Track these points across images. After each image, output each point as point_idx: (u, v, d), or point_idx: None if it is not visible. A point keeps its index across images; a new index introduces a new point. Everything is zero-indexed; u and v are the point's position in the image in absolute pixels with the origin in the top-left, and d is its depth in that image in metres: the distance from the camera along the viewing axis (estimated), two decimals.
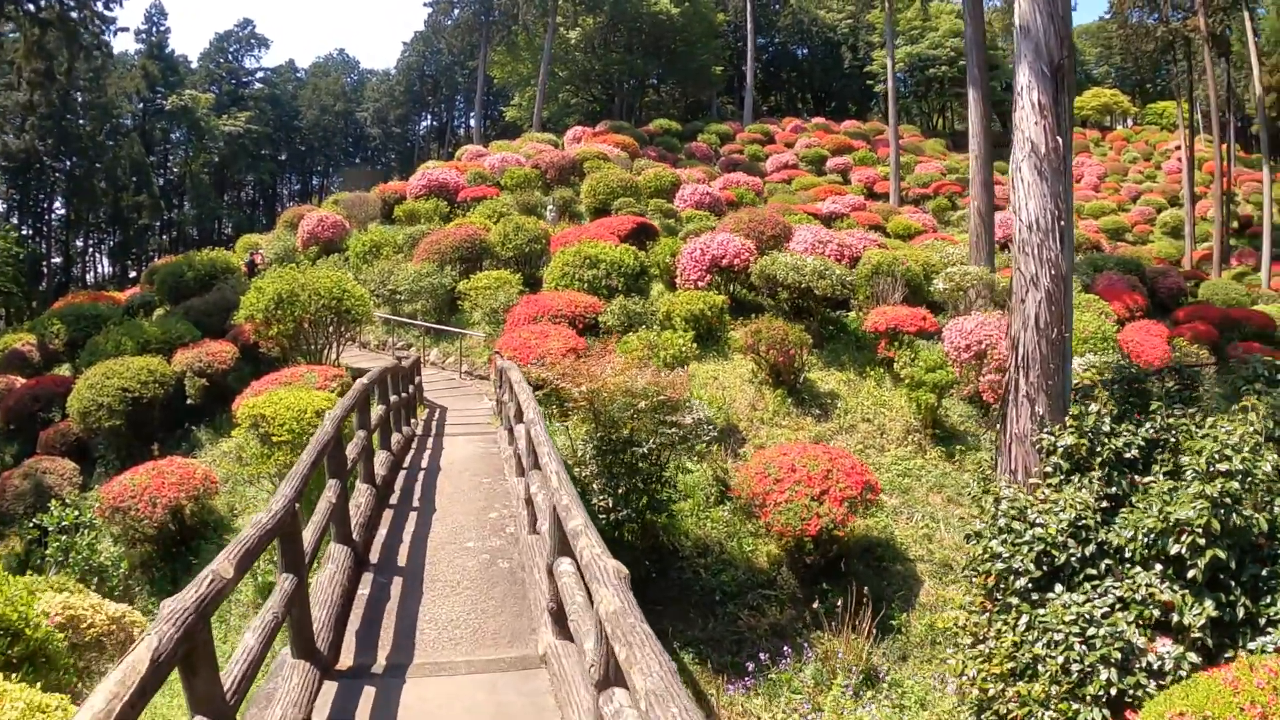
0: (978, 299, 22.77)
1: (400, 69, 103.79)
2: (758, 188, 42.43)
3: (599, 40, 70.12)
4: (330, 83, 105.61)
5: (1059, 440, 8.70)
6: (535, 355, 14.63)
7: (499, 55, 72.52)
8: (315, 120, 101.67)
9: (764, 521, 11.12)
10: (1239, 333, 25.59)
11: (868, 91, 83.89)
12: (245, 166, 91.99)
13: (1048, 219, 9.38)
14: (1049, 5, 9.54)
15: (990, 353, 17.62)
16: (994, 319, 18.46)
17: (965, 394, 17.98)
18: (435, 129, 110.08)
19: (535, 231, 25.11)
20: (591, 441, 10.39)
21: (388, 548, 8.85)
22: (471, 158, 43.47)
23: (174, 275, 28.18)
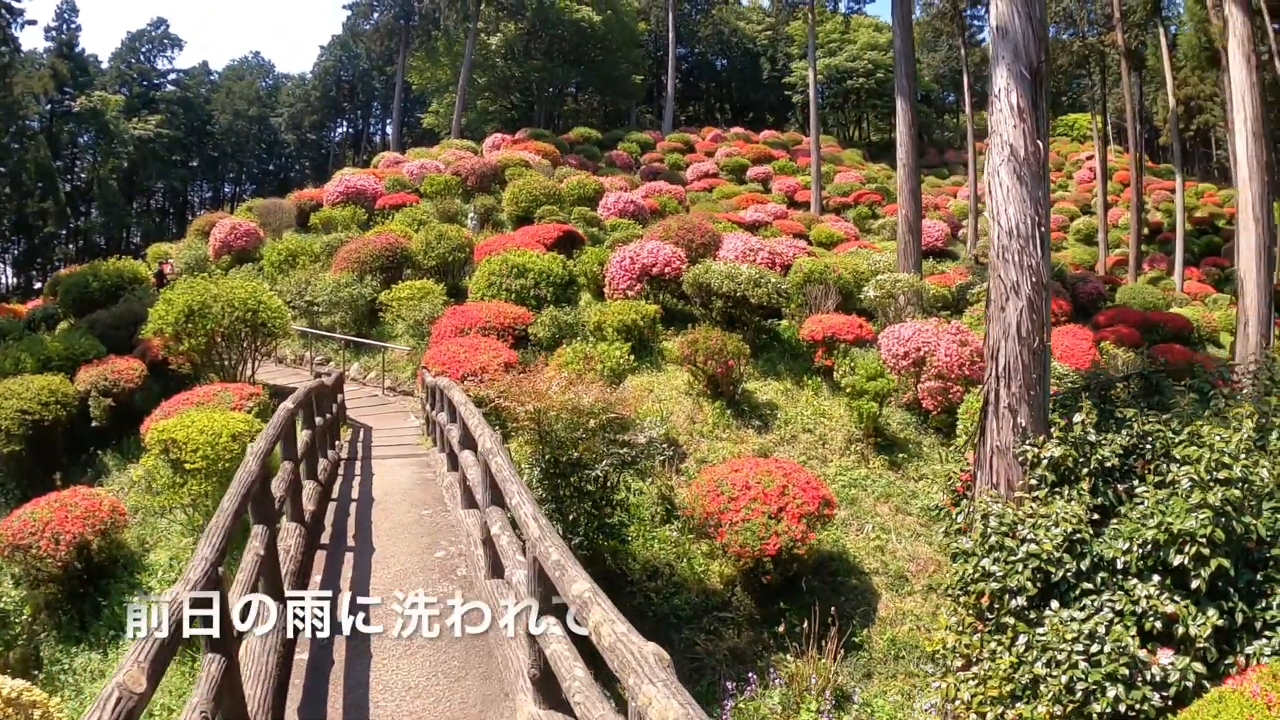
0: (907, 305, 22.79)
1: (317, 74, 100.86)
2: (680, 196, 42.20)
3: (520, 47, 69.14)
4: (245, 87, 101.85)
5: (1044, 452, 8.43)
6: (467, 370, 13.89)
7: (418, 61, 71.07)
8: (228, 125, 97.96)
9: (720, 542, 10.58)
10: (1158, 334, 26.18)
11: (786, 102, 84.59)
12: (156, 172, 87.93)
13: (1028, 225, 9.09)
14: (1027, 6, 9.26)
15: (929, 359, 17.52)
16: (931, 326, 18.35)
17: (904, 401, 17.82)
18: (351, 136, 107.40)
19: (458, 240, 24.29)
20: (538, 465, 9.70)
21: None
22: (389, 165, 42.29)
23: (78, 286, 26.57)
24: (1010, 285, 9.05)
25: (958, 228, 45.99)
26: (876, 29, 78.25)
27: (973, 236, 42.68)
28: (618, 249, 22.18)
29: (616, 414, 9.64)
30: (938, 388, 17.19)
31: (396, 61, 71.08)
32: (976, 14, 51.83)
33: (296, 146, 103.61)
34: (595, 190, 35.23)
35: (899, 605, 11.94)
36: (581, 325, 18.46)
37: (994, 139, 9.37)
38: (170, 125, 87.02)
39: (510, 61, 69.53)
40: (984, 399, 9.31)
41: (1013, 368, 8.99)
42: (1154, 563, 7.23)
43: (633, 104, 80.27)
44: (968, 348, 17.63)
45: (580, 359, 15.19)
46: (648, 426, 10.14)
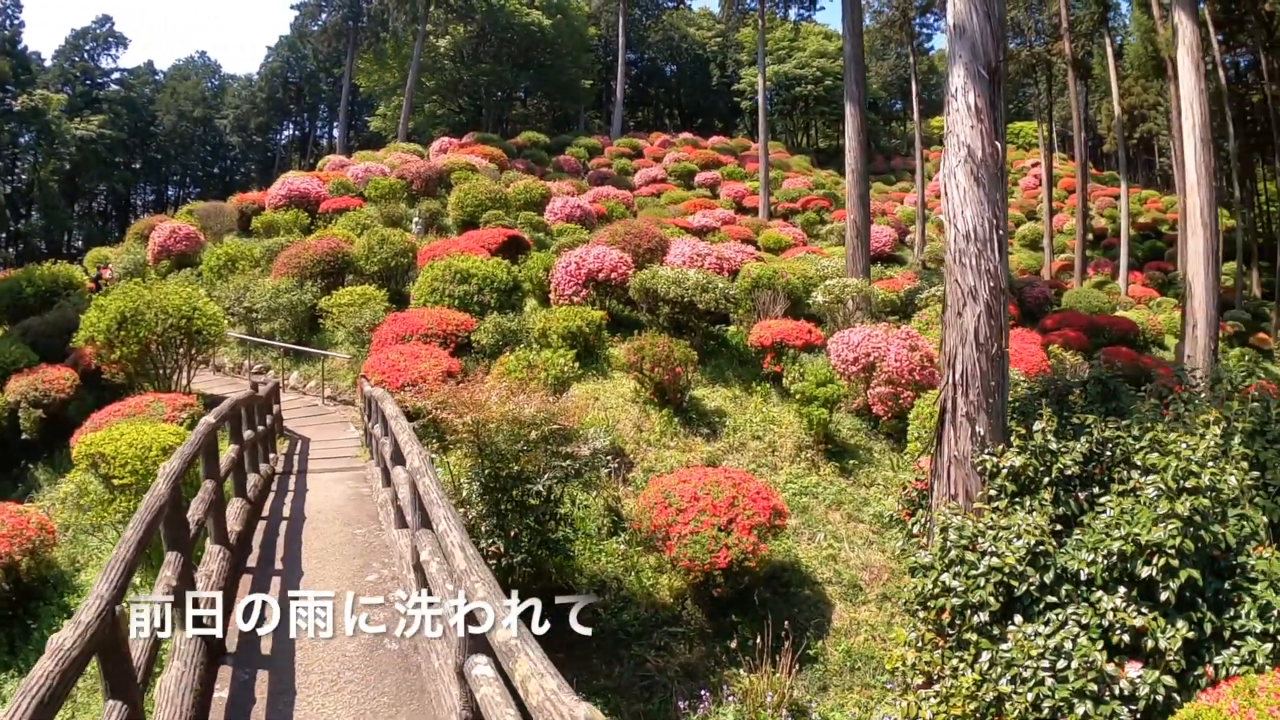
0: (856, 310, 22.71)
1: (263, 75, 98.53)
2: (628, 201, 41.97)
3: (469, 50, 68.35)
4: (190, 87, 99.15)
5: (1004, 462, 8.22)
6: (406, 379, 13.39)
7: (366, 63, 69.99)
8: (173, 126, 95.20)
9: (669, 556, 10.22)
10: (1105, 337, 26.47)
11: (735, 108, 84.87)
12: (98, 174, 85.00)
13: (985, 228, 8.87)
14: (985, 5, 9.03)
15: (879, 365, 17.38)
16: (880, 331, 18.24)
17: (854, 407, 17.68)
18: (297, 139, 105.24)
19: (401, 244, 23.70)
20: (478, 479, 9.24)
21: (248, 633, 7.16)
22: (334, 168, 41.41)
23: (12, 292, 25.49)
24: (967, 290, 8.83)
25: (905, 233, 46.29)
26: (825, 37, 78.83)
27: (920, 242, 42.97)
28: (564, 254, 21.80)
29: (559, 425, 9.25)
30: (888, 393, 17.06)
31: (344, 63, 69.84)
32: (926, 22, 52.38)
33: (242, 149, 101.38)
34: (542, 195, 34.82)
35: (853, 615, 11.71)
36: (526, 332, 18.03)
37: (950, 140, 9.15)
38: (113, 126, 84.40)
39: (459, 64, 68.72)
40: (941, 407, 9.08)
41: (970, 375, 8.76)
42: (1120, 574, 7.09)
43: (581, 109, 79.83)
44: (918, 353, 17.52)
45: (524, 367, 14.77)
46: (592, 437, 9.76)
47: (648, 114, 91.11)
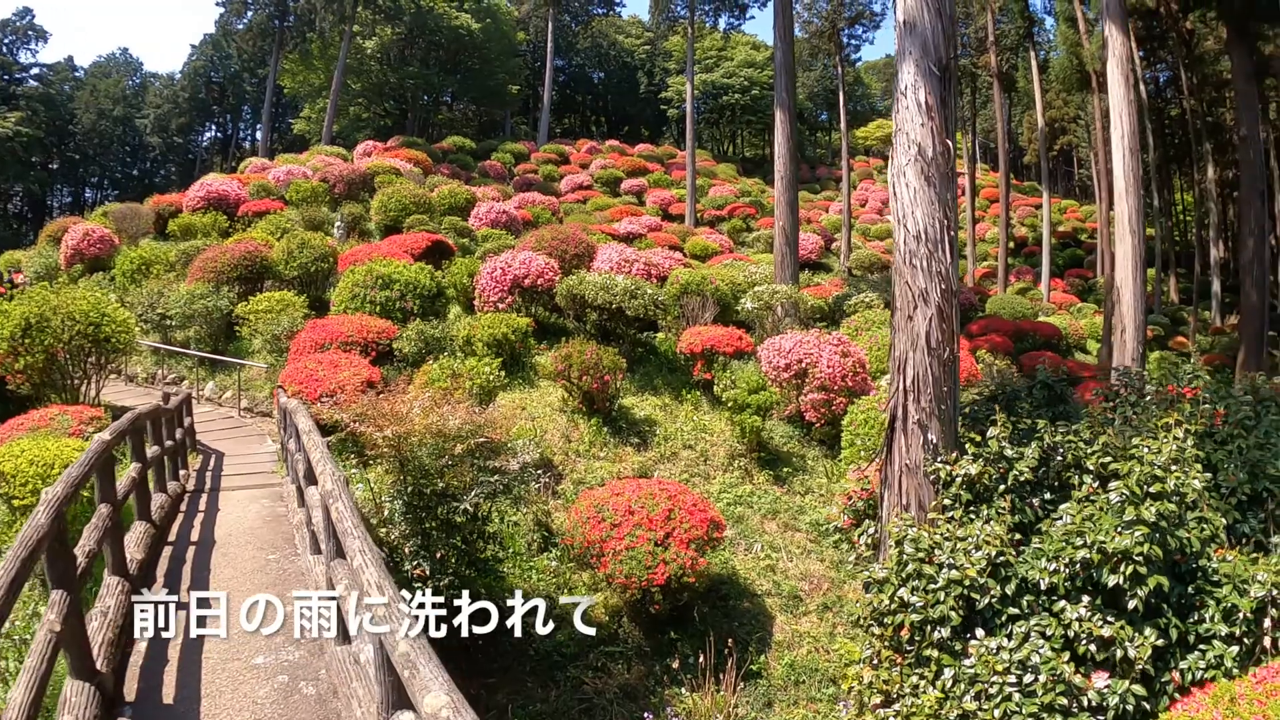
0: (785, 317, 22.59)
1: (186, 74, 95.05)
2: (554, 207, 41.53)
3: (396, 52, 67.17)
4: (111, 85, 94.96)
5: (957, 470, 7.98)
6: (325, 389, 12.71)
7: (291, 64, 68.01)
8: (92, 125, 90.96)
9: (604, 573, 9.76)
10: (1030, 342, 26.91)
11: (662, 116, 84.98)
12: (14, 174, 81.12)
13: (937, 228, 8.61)
14: (936, 2, 8.86)
15: (811, 371, 17.20)
16: (812, 337, 18.07)
17: (786, 414, 17.47)
18: (219, 141, 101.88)
19: (322, 249, 22.84)
20: (400, 496, 8.66)
21: (149, 672, 6.34)
22: (255, 170, 40.12)
23: None
24: (918, 293, 8.57)
25: (831, 241, 46.62)
26: (754, 47, 79.43)
27: (846, 250, 43.31)
28: (489, 259, 21.22)
29: (486, 437, 8.74)
30: (821, 399, 16.88)
31: (269, 64, 67.80)
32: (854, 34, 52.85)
33: (162, 150, 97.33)
34: (467, 200, 34.15)
35: (795, 627, 11.40)
36: (450, 340, 17.41)
37: (899, 138, 8.90)
38: (30, 124, 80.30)
39: (386, 67, 67.44)
40: (890, 414, 8.82)
41: (922, 380, 8.51)
42: (1083, 583, 6.93)
43: (508, 114, 79.07)
44: (850, 359, 17.40)
45: (448, 376, 14.21)
46: (521, 450, 9.26)
47: (574, 121, 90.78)
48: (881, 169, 73.22)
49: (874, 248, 45.82)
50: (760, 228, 45.07)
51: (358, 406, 8.96)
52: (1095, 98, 36.50)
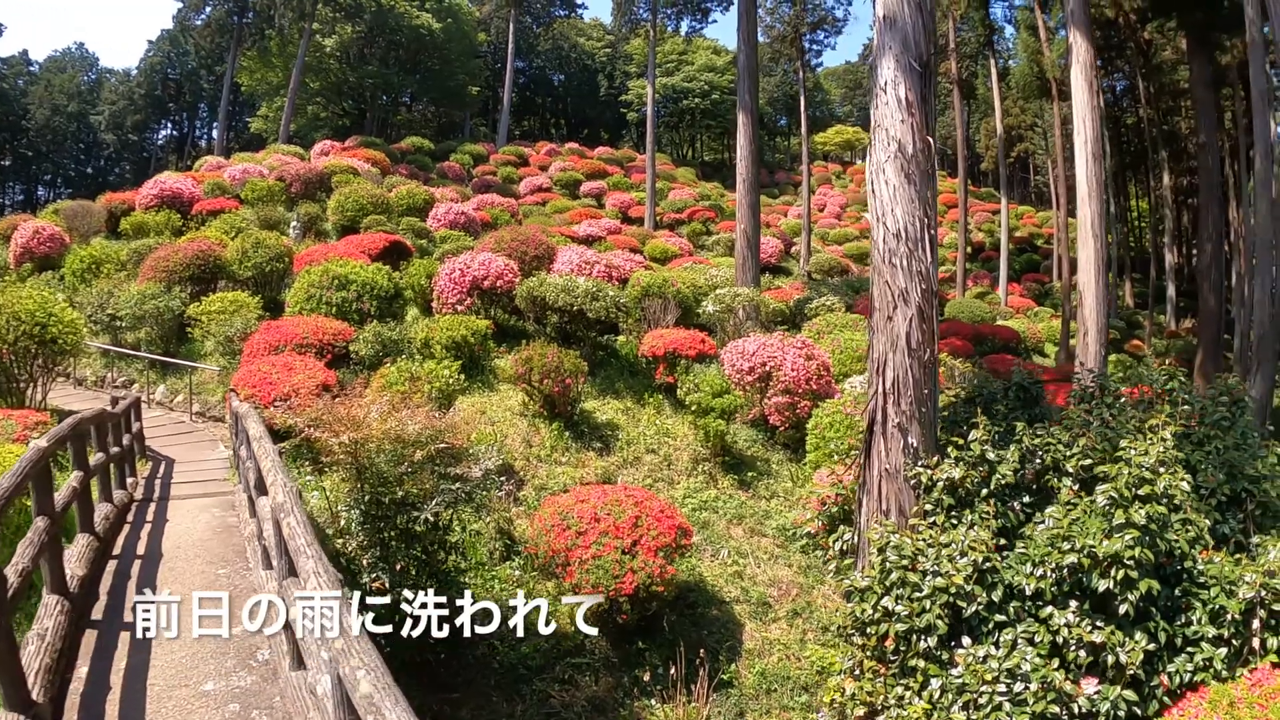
0: (746, 320, 22.45)
1: (143, 70, 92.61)
2: (513, 209, 41.11)
3: (355, 51, 66.15)
4: (65, 80, 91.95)
5: (939, 474, 7.80)
6: (279, 393, 12.23)
7: (249, 61, 66.47)
8: (46, 121, 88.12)
9: (570, 583, 9.40)
10: (989, 345, 27.02)
11: (621, 119, 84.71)
12: None
13: (917, 227, 8.42)
14: None
15: (775, 374, 17.03)
16: (775, 340, 17.91)
17: (749, 418, 17.28)
18: (175, 139, 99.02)
19: (278, 248, 22.20)
20: (358, 506, 8.26)
21: (90, 701, 5.79)
22: (211, 169, 39.15)
23: None
24: (899, 293, 8.37)
25: (790, 245, 46.65)
26: (715, 51, 79.47)
27: (805, 254, 43.32)
28: (447, 260, 20.78)
29: (447, 443, 8.36)
30: (785, 403, 16.72)
31: (227, 61, 66.29)
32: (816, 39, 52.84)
33: (117, 148, 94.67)
34: (425, 200, 33.60)
35: (765, 634, 11.16)
36: (408, 342, 16.96)
37: (878, 134, 8.70)
38: None
39: (345, 66, 66.33)
40: (869, 418, 8.62)
41: (902, 383, 8.32)
42: (1071, 588, 6.80)
43: (467, 115, 78.33)
44: (814, 361, 17.26)
45: (406, 379, 13.79)
46: (483, 456, 8.90)
47: (533, 123, 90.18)
48: (840, 174, 73.73)
49: (833, 252, 45.97)
50: (720, 231, 44.98)
51: (313, 411, 8.57)
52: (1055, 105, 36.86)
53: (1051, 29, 35.79)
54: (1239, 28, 24.57)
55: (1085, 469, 7.74)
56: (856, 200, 64.44)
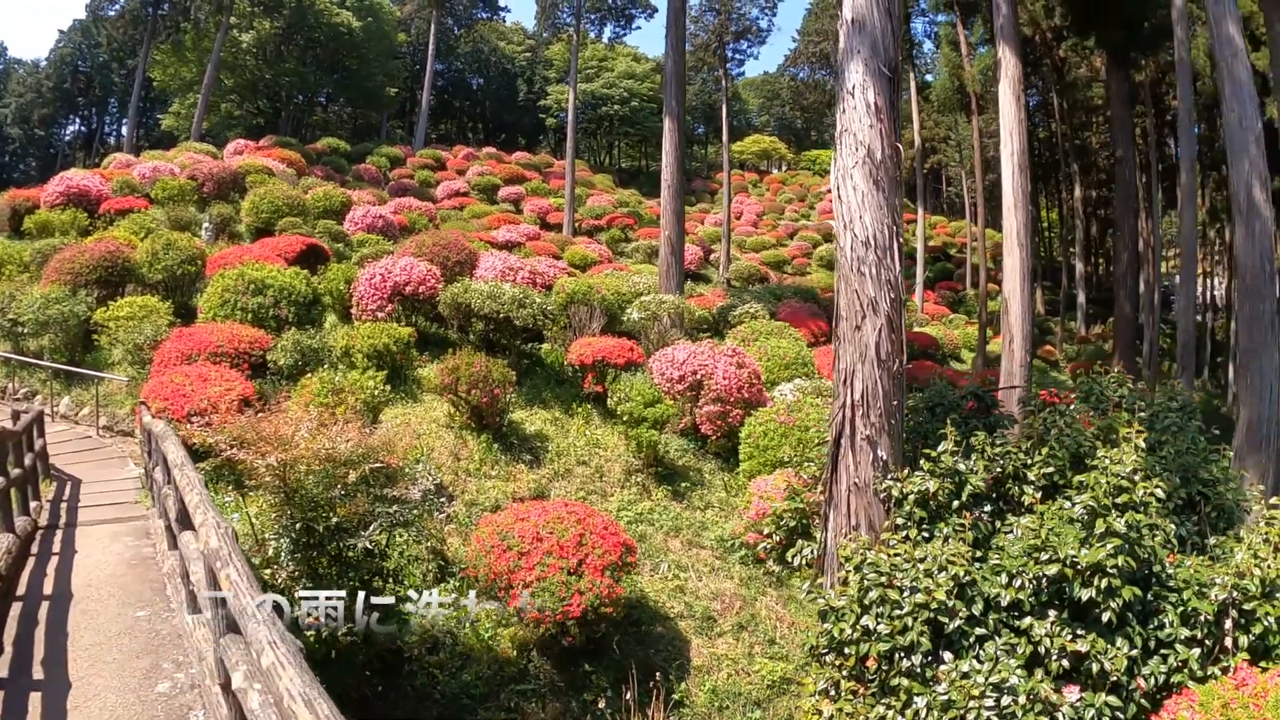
0: (671, 327, 22.20)
1: (52, 61, 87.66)
2: (430, 213, 40.10)
3: (273, 48, 63.65)
4: None
5: (909, 487, 7.58)
6: (194, 406, 11.41)
7: (163, 55, 63.28)
8: None
9: (514, 607, 8.86)
10: (910, 352, 27.22)
11: (540, 125, 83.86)
12: None
13: (885, 234, 8.13)
14: (886, 1, 8.48)
15: (706, 383, 16.77)
16: (705, 348, 17.68)
17: (680, 427, 16.97)
18: (84, 135, 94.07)
19: (190, 250, 20.96)
20: (287, 534, 7.57)
21: None
22: (120, 166, 37.06)
23: None
24: (868, 301, 8.09)
25: (709, 252, 46.65)
26: (635, 59, 79.23)
27: (725, 261, 43.40)
28: (367, 265, 19.98)
29: (382, 462, 7.77)
30: (717, 411, 16.46)
31: (140, 54, 62.88)
32: (739, 48, 53.03)
33: (23, 143, 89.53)
34: (342, 203, 32.49)
35: (712, 650, 10.80)
36: (328, 351, 16.17)
37: (845, 139, 8.40)
38: None
39: (262, 63, 63.86)
40: (836, 430, 8.30)
41: (872, 394, 8.03)
42: (1049, 598, 6.69)
43: (385, 117, 76.57)
44: (745, 369, 17.06)
45: (329, 391, 13.09)
46: (421, 475, 8.33)
47: (451, 127, 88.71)
48: (757, 183, 74.31)
49: (751, 259, 46.07)
50: (639, 238, 44.74)
51: (234, 428, 7.86)
52: (974, 118, 37.65)
53: (973, 44, 36.54)
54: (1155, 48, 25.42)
55: (1047, 477, 7.69)
56: (772, 209, 65.01)
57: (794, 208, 66.52)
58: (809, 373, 20.28)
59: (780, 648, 11.28)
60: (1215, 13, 15.38)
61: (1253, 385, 14.71)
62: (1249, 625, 6.61)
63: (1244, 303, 15.32)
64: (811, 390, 17.65)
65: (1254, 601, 6.62)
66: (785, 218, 62.82)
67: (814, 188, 71.11)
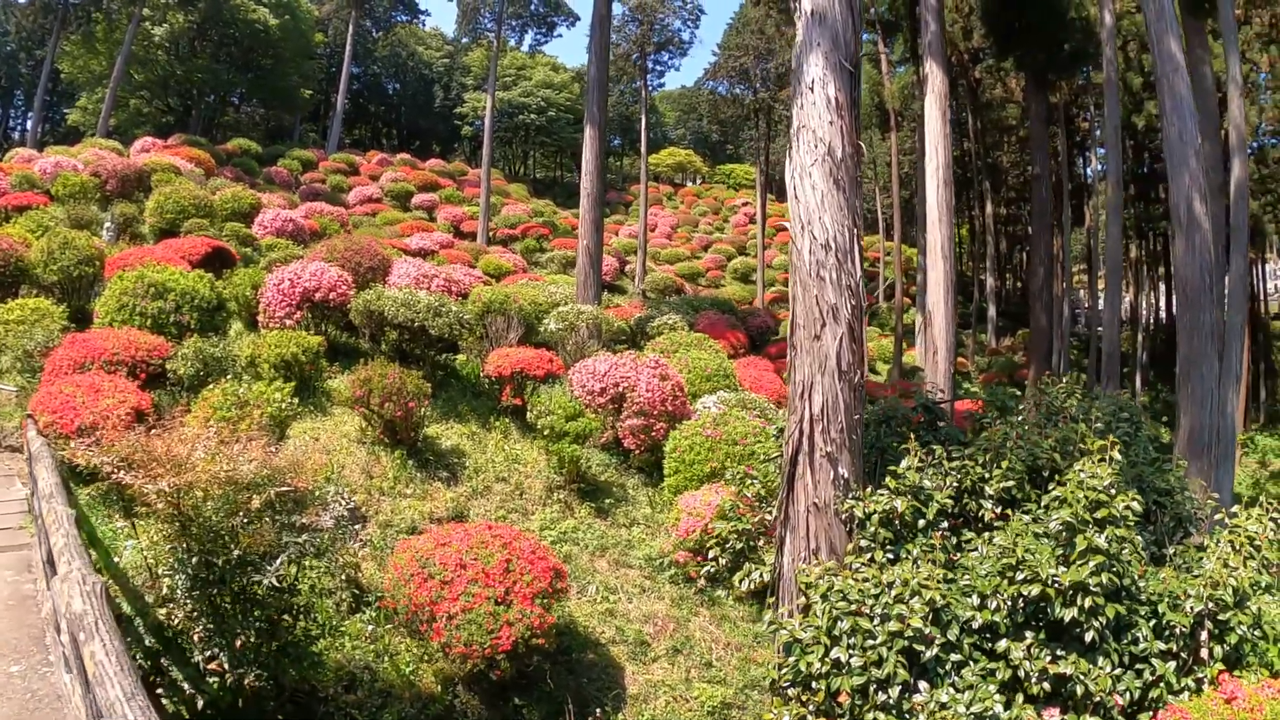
0: (590, 339, 21.64)
1: None
2: (343, 219, 38.73)
3: (186, 43, 60.95)
4: None
5: (876, 506, 7.11)
6: (84, 420, 10.26)
7: (73, 46, 59.91)
8: None
9: (438, 642, 8.05)
10: None
11: (455, 132, 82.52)
12: None
13: (846, 236, 7.63)
14: None
15: (629, 395, 16.20)
16: (628, 360, 17.11)
17: (601, 442, 16.34)
18: None
19: (88, 250, 19.38)
20: (183, 569, 6.60)
21: None
22: (22, 161, 34.75)
23: None
24: (828, 309, 7.58)
25: (624, 263, 46.28)
26: (553, 68, 78.56)
27: (641, 272, 43.03)
28: (276, 270, 18.77)
29: (289, 485, 6.96)
30: (640, 425, 15.89)
31: (49, 44, 59.19)
32: (660, 60, 52.68)
33: None
34: (251, 205, 30.91)
35: (647, 676, 10.14)
36: (232, 360, 15.06)
37: (803, 135, 7.91)
38: None
39: (174, 58, 60.95)
40: (793, 447, 7.78)
41: (832, 408, 7.52)
42: (1025, 618, 6.50)
43: (298, 120, 74.10)
44: (669, 382, 16.54)
45: (233, 404, 12.07)
46: (333, 499, 7.51)
47: (365, 131, 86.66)
48: (671, 195, 74.33)
49: (666, 271, 45.84)
50: (554, 248, 44.13)
51: (123, 447, 6.91)
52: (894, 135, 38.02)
53: (893, 63, 36.97)
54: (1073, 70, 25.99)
55: (1005, 491, 7.46)
56: (687, 221, 65.09)
57: (708, 221, 66.78)
58: (731, 385, 19.89)
59: (718, 670, 10.73)
60: (1157, 29, 15.43)
61: (1194, 394, 14.85)
62: (1224, 635, 6.57)
63: (1184, 313, 15.42)
64: (736, 403, 17.23)
65: (1228, 611, 6.57)
66: (699, 230, 62.99)
67: (728, 201, 71.54)
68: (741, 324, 29.60)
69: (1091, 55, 26.98)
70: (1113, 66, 20.93)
